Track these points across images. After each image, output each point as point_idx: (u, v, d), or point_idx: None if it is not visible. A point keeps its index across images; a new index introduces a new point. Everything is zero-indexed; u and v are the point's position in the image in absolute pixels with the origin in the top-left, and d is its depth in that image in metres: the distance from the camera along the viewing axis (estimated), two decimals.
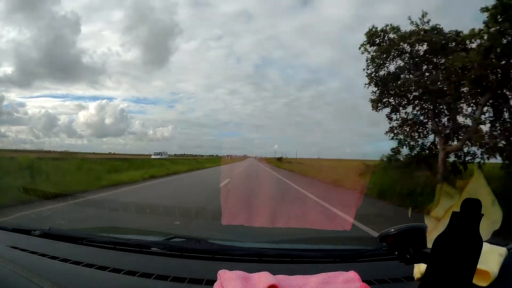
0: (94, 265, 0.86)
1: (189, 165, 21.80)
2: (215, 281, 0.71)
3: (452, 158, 7.80)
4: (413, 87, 8.20)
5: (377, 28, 8.44)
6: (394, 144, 8.87)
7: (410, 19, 8.07)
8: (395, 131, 8.87)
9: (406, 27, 8.18)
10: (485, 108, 7.11)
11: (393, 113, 8.94)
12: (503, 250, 0.82)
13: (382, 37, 8.44)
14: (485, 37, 6.19)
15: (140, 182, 10.21)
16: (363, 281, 0.71)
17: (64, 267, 0.87)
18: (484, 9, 6.12)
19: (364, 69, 8.79)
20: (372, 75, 8.74)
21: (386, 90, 8.64)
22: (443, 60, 7.67)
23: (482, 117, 7.08)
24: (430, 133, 8.57)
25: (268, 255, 0.97)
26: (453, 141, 7.72)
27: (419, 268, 0.76)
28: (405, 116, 8.83)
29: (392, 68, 8.66)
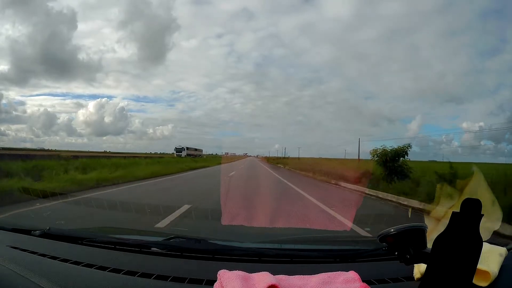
0: (94, 265, 0.86)
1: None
2: (215, 281, 0.71)
3: None
4: None
5: None
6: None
7: None
8: None
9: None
10: None
11: None
12: (503, 250, 0.83)
13: None
14: None
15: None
16: (363, 281, 0.71)
17: (64, 267, 0.87)
18: None
19: None
20: None
21: None
22: None
23: None
24: None
25: (268, 255, 0.97)
26: None
27: (419, 268, 0.76)
28: None
29: None
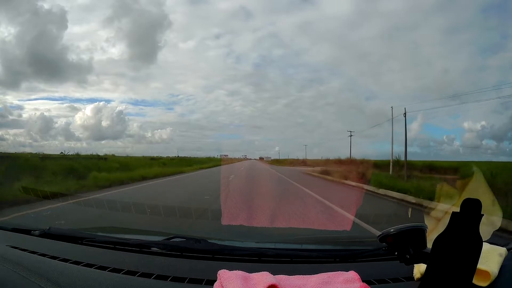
0: (94, 265, 0.86)
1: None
2: (215, 281, 0.71)
3: None
4: None
5: None
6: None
7: None
8: None
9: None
10: None
11: None
12: (503, 250, 0.83)
13: None
14: None
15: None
16: (363, 281, 0.71)
17: (64, 267, 0.87)
18: None
19: None
20: None
21: None
22: None
23: None
24: None
25: (268, 255, 0.97)
26: None
27: (419, 268, 0.76)
28: None
29: None
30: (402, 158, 17.27)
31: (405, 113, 17.94)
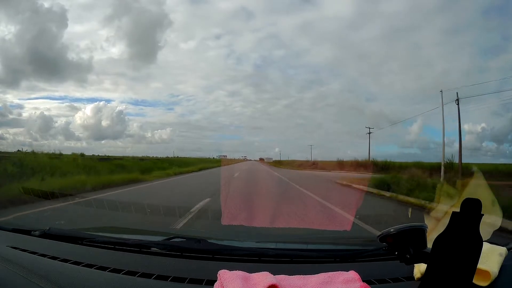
0: (94, 265, 0.86)
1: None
2: (215, 281, 0.71)
3: None
4: None
5: None
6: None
7: None
8: None
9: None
10: None
11: None
12: (503, 250, 0.83)
13: None
14: None
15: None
16: (363, 281, 0.71)
17: (64, 267, 0.87)
18: None
19: None
20: None
21: None
22: None
23: None
24: None
25: (268, 255, 0.97)
26: None
27: (419, 268, 0.76)
28: None
29: None
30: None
31: (457, 100, 13.93)
